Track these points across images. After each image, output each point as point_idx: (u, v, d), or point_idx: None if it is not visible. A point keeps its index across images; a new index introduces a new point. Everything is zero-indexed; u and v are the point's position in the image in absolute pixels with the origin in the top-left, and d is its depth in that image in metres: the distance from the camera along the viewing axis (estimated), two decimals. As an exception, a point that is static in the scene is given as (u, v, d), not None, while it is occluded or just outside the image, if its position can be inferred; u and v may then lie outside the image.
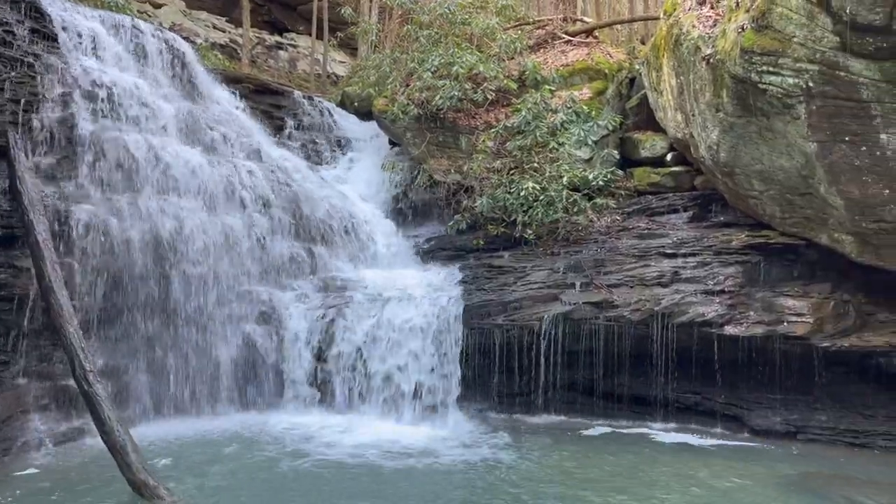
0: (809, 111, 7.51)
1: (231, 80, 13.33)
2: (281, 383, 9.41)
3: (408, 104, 11.87)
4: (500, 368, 9.68)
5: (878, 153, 7.11)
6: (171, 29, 13.70)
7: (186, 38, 13.55)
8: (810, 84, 7.34)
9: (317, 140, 14.29)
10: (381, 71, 13.29)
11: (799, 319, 8.66)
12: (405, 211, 12.73)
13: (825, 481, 7.18)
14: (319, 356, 9.39)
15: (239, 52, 19.47)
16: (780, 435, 8.90)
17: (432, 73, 11.95)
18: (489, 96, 11.87)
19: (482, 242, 10.99)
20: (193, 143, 10.27)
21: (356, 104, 14.13)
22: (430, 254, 11.51)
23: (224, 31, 21.40)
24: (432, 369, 9.17)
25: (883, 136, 6.98)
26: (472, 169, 11.25)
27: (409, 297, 9.63)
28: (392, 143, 13.69)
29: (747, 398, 9.23)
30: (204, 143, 10.46)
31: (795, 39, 7.29)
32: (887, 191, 7.21)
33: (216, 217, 9.62)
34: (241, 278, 9.57)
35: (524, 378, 9.75)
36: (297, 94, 15.31)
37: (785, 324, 8.69)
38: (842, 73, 7.02)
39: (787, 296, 8.90)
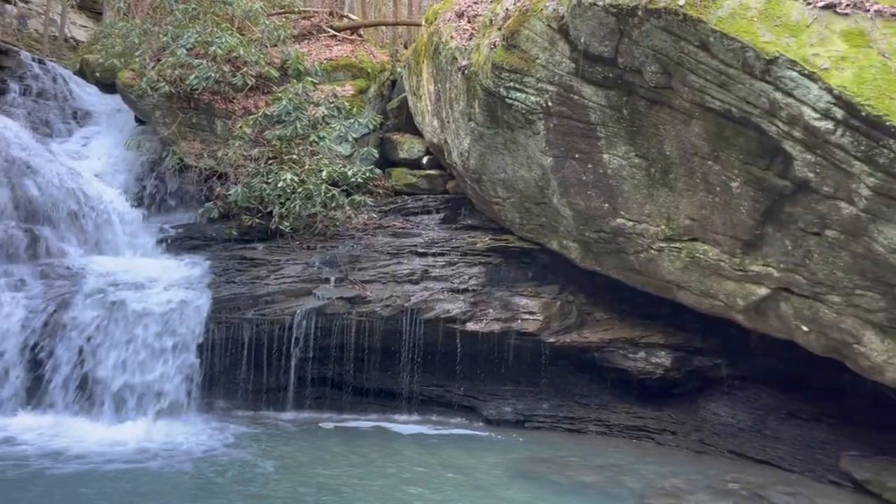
0: (548, 128, 8.25)
1: (-62, 30, 11.39)
2: (-15, 382, 8.20)
3: (158, 80, 11.02)
4: (248, 364, 9.35)
5: (600, 171, 8.01)
6: None
7: None
8: (549, 103, 8.07)
9: (48, 109, 12.73)
10: (129, 41, 12.17)
11: (531, 317, 9.50)
12: (151, 194, 11.80)
13: (544, 465, 7.92)
14: (37, 351, 8.33)
15: (-48, -2, 16.68)
16: (511, 424, 9.66)
17: (188, 50, 11.23)
18: (249, 82, 11.44)
19: (235, 233, 10.56)
20: None
21: (98, 74, 12.83)
22: (177, 242, 10.79)
23: (-67, -28, 18.20)
24: (171, 365, 8.56)
25: (605, 155, 7.88)
26: (227, 155, 10.76)
27: (149, 288, 8.92)
28: (139, 121, 12.62)
29: (483, 390, 9.90)
30: None
31: (539, 61, 7.97)
32: (606, 205, 8.16)
33: None
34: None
35: (273, 374, 9.53)
36: (26, 55, 13.52)
37: (519, 321, 9.48)
38: (575, 97, 7.80)
39: (522, 295, 9.73)
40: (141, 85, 11.14)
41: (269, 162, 10.76)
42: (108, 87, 12.83)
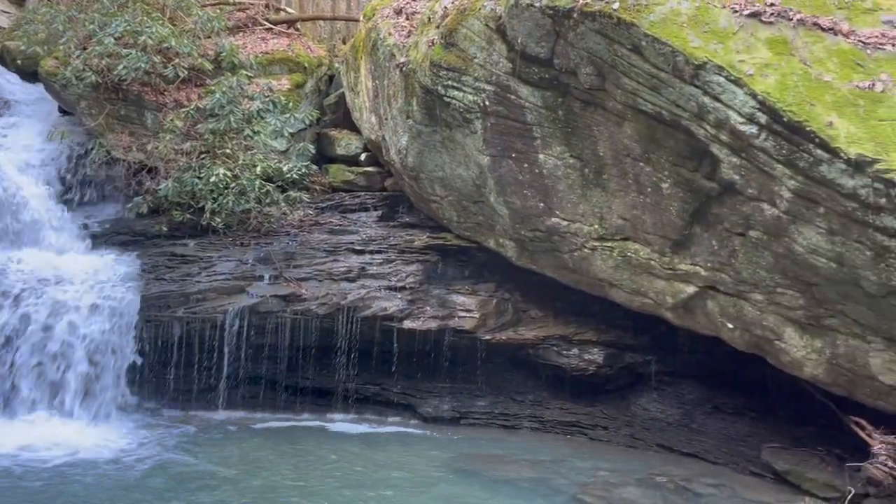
0: (485, 127, 8.31)
1: None
2: None
3: (84, 69, 10.57)
4: (178, 363, 9.14)
5: (536, 170, 8.10)
6: None
7: None
8: (486, 103, 8.12)
9: (-37, 97, 12.10)
10: (53, 28, 11.63)
11: (467, 315, 9.54)
12: (76, 188, 11.31)
13: (479, 461, 7.99)
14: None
15: None
16: (447, 421, 9.69)
17: (116, 39, 10.82)
18: (181, 73, 11.08)
19: (165, 229, 10.22)
20: None
21: (19, 62, 12.24)
22: (104, 238, 10.38)
23: None
24: (96, 365, 8.30)
25: (541, 156, 7.98)
26: (157, 149, 10.41)
27: (73, 285, 8.60)
28: (63, 111, 12.11)
29: (420, 388, 9.90)
30: None
31: (476, 60, 8.02)
32: (542, 204, 8.26)
33: None
34: None
35: (205, 373, 9.33)
36: (-60, 39, 12.81)
37: (456, 319, 9.50)
38: (512, 97, 7.87)
39: (459, 293, 9.76)
40: (65, 74, 10.67)
41: (202, 156, 10.47)
42: (30, 75, 12.24)
